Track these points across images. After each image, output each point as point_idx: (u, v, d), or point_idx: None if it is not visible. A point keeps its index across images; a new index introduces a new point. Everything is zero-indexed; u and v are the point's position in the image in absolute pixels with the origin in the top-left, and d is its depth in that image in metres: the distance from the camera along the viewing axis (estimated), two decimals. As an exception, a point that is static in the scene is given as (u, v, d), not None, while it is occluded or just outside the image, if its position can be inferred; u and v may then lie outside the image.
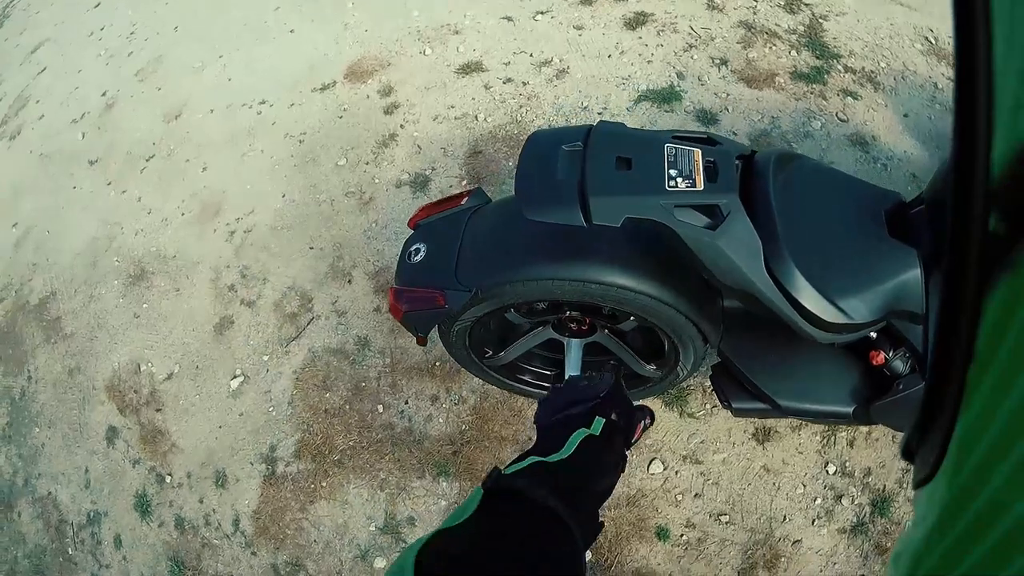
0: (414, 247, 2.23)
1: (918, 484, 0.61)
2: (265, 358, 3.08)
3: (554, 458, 1.05)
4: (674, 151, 1.86)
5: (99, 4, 5.54)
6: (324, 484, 2.78)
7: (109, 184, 4.03)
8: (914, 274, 1.98)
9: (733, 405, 2.41)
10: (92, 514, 3.21)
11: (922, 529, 0.60)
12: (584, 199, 1.76)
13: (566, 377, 2.54)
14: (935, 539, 0.57)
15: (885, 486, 2.68)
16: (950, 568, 0.54)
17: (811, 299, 1.93)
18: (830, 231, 2.07)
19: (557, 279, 2.04)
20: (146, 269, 3.55)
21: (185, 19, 4.88)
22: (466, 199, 2.30)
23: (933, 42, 3.62)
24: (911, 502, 2.68)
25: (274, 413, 2.98)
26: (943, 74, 3.47)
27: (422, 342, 2.33)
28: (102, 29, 5.18)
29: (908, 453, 0.60)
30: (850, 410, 2.34)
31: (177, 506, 3.02)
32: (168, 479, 3.08)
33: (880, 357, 2.23)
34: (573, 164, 1.85)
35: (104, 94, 4.55)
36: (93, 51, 5.04)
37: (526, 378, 2.68)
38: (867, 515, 2.64)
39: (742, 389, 2.41)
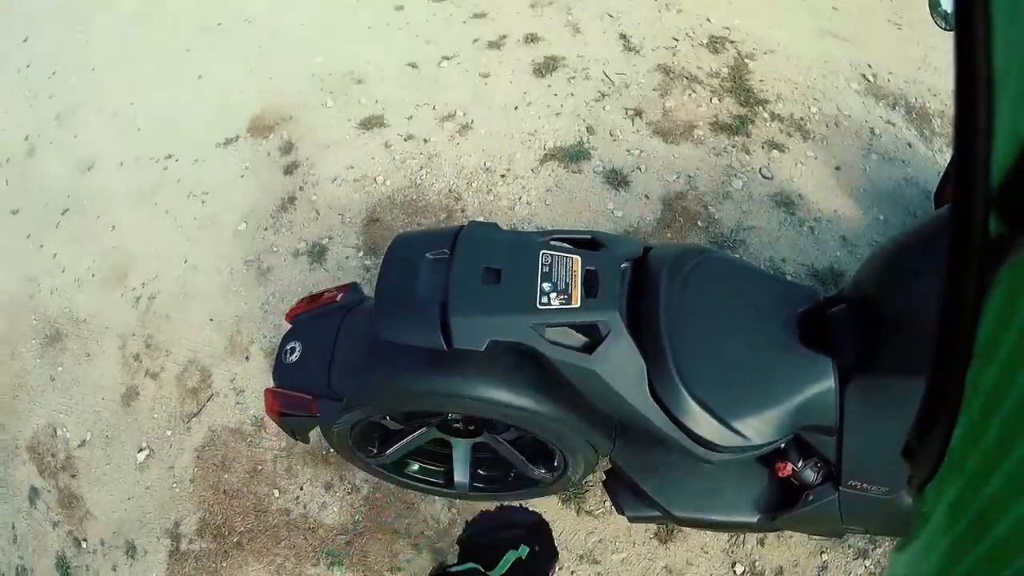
0: (290, 345, 2.15)
1: (918, 486, 0.60)
2: (168, 433, 3.08)
3: (492, 574, 1.08)
4: (550, 259, 1.71)
5: (27, 39, 5.41)
6: (224, 565, 2.78)
7: (28, 237, 3.98)
8: (827, 386, 1.80)
9: (627, 513, 2.28)
10: (20, 569, 3.23)
11: (921, 530, 0.60)
12: (446, 319, 1.63)
13: (455, 480, 2.46)
14: (934, 540, 0.56)
15: (799, 587, 2.53)
16: (949, 569, 0.53)
17: (702, 423, 1.76)
18: (730, 342, 1.88)
19: (428, 393, 1.88)
20: (60, 331, 3.54)
21: (102, 61, 4.78)
22: (341, 295, 2.21)
23: (871, 79, 3.49)
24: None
25: (177, 490, 2.98)
26: (881, 117, 3.34)
27: (303, 440, 2.28)
28: (28, 67, 5.06)
29: (908, 453, 0.60)
30: (754, 520, 2.20)
31: (93, 571, 3.04)
32: (84, 544, 3.10)
33: (787, 469, 2.08)
34: (436, 276, 1.71)
35: (26, 138, 4.47)
36: (20, 90, 4.93)
37: (414, 474, 2.56)
38: (778, 628, 2.48)
39: (636, 496, 2.26)
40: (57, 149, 4.28)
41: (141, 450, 3.12)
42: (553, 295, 1.63)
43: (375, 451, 2.38)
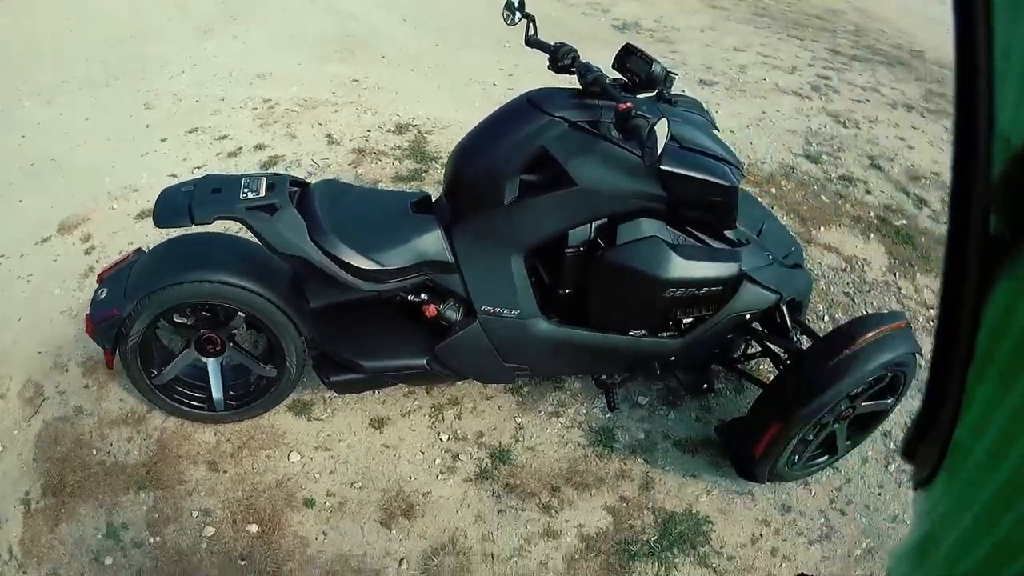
0: (100, 291, 3.13)
1: (919, 485, 0.62)
2: (15, 432, 3.98)
3: None
4: (249, 181, 2.81)
5: None
6: (63, 512, 3.43)
7: None
8: (435, 233, 2.77)
9: (331, 379, 3.09)
10: None
11: (922, 530, 0.61)
12: (191, 210, 2.70)
13: (214, 397, 3.39)
14: (936, 540, 0.57)
15: (500, 442, 3.23)
16: (950, 568, 0.54)
17: (349, 255, 2.71)
18: (366, 216, 2.85)
19: (186, 282, 2.87)
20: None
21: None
22: (132, 255, 3.23)
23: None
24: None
25: (25, 468, 3.79)
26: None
27: (109, 360, 3.16)
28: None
29: (909, 453, 0.61)
30: (423, 361, 2.96)
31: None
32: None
33: (432, 309, 2.85)
34: (187, 194, 2.80)
35: None
36: None
37: (181, 398, 3.45)
38: (488, 465, 3.17)
39: (336, 366, 3.07)
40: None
41: (-2, 449, 4.04)
42: (249, 193, 2.75)
43: (156, 372, 3.30)
